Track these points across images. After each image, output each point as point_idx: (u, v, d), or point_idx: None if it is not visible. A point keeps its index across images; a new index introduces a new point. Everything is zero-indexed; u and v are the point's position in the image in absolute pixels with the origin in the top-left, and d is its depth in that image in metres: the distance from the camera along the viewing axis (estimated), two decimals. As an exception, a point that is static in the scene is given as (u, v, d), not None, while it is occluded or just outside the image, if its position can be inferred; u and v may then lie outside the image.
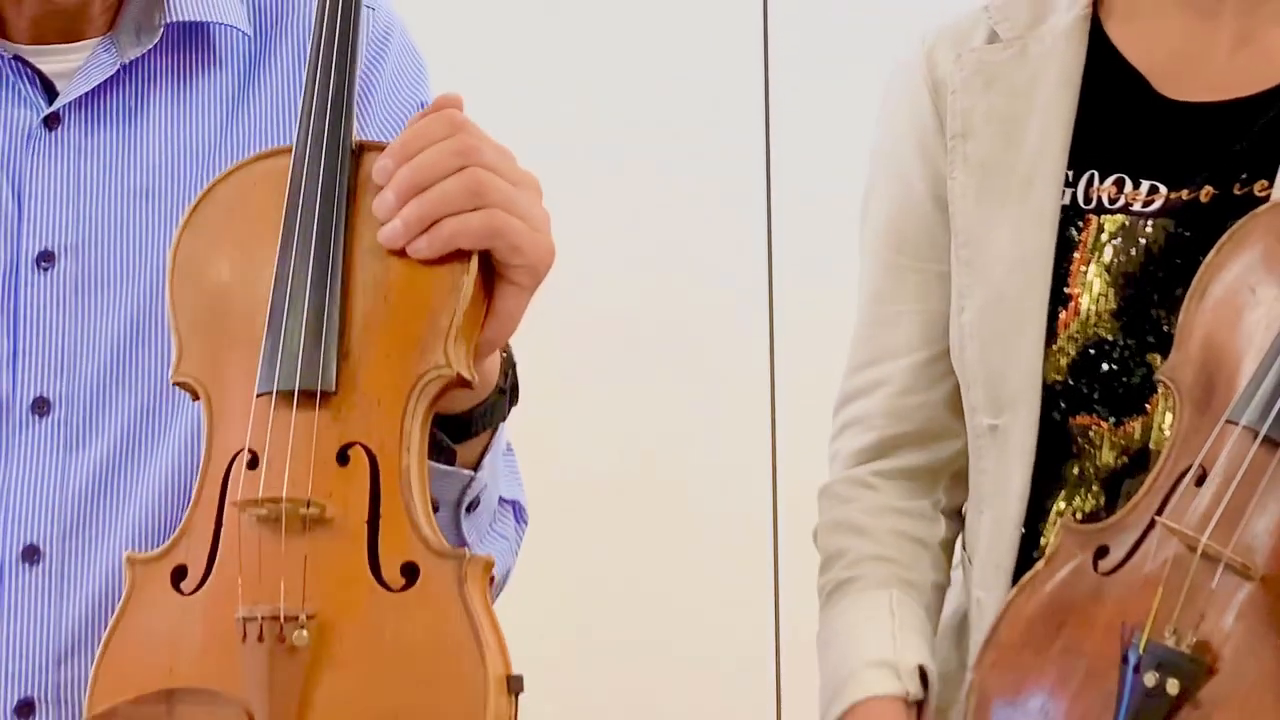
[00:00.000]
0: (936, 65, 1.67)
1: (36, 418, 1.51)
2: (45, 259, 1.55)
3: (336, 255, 1.35)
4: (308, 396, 1.32)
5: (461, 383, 1.33)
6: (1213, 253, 1.47)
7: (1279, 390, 1.38)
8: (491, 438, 1.49)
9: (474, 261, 1.32)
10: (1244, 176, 1.55)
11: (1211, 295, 1.47)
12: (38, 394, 1.52)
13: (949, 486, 1.69)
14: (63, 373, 1.55)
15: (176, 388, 1.39)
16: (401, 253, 1.33)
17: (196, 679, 1.27)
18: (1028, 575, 1.47)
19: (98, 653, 1.33)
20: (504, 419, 1.50)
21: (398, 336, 1.33)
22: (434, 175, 1.33)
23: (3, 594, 1.50)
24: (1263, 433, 1.36)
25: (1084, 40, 1.63)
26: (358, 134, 1.41)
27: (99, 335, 1.56)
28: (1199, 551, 1.33)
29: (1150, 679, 1.32)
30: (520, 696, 1.25)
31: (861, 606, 1.63)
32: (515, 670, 1.25)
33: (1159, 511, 1.40)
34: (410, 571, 1.26)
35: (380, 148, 1.36)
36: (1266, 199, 1.53)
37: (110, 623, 1.33)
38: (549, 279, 1.42)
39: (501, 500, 1.54)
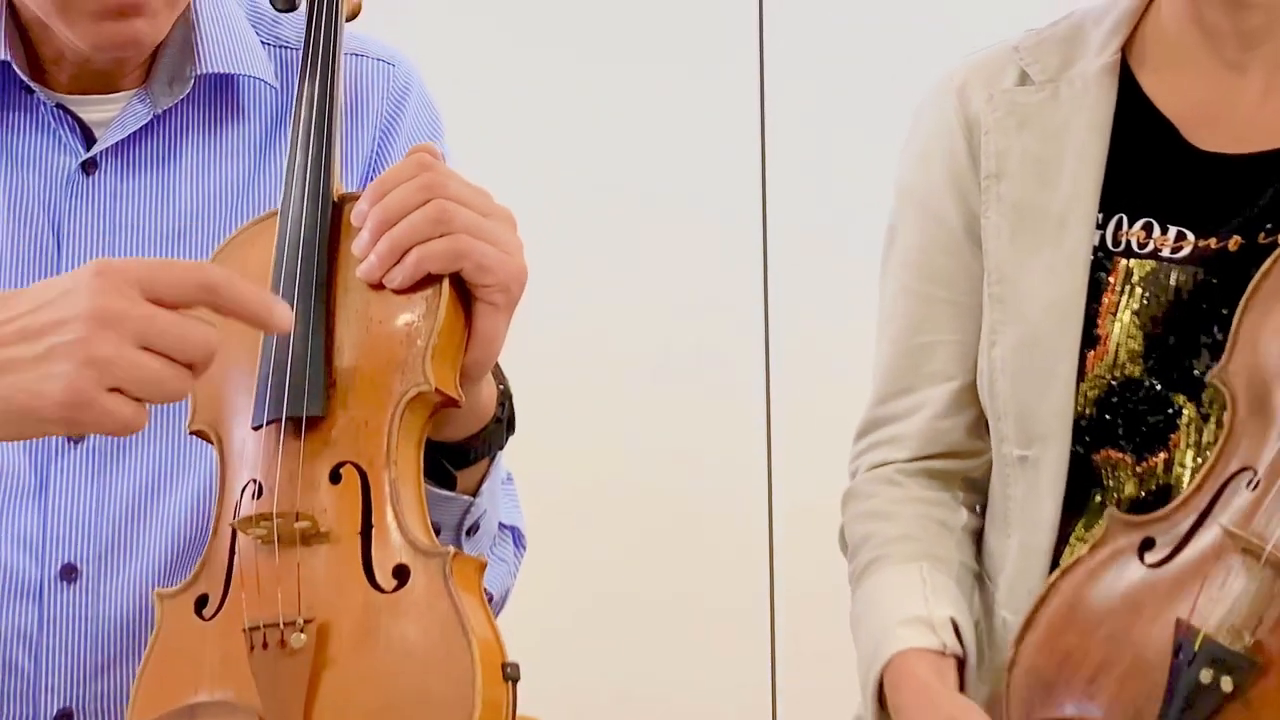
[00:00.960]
0: (969, 102, 1.70)
1: (70, 445, 1.57)
2: None
3: (320, 295, 1.42)
4: (300, 423, 1.38)
5: (447, 400, 1.39)
6: (1269, 265, 1.50)
7: None
8: (489, 465, 1.55)
9: (445, 285, 1.38)
10: (1269, 227, 1.58)
11: (1268, 306, 1.50)
12: None
13: (964, 487, 1.73)
14: None
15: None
16: (380, 285, 1.40)
17: (216, 693, 1.34)
18: (1071, 560, 1.52)
19: (136, 675, 1.40)
20: (501, 448, 1.55)
21: (380, 361, 1.40)
22: (402, 210, 1.39)
23: (43, 610, 1.57)
24: None
25: (1114, 86, 1.66)
26: (343, 187, 1.48)
27: None
28: (1263, 559, 1.37)
29: (1206, 675, 1.36)
30: (518, 685, 1.29)
31: (892, 577, 1.66)
32: (511, 659, 1.30)
33: (1208, 510, 1.45)
34: (401, 573, 1.32)
35: (356, 198, 1.43)
36: None
37: (146, 650, 1.39)
38: (547, 305, 1.48)
39: (501, 526, 1.59)
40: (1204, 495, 1.47)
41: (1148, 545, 1.48)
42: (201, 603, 1.39)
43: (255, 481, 1.40)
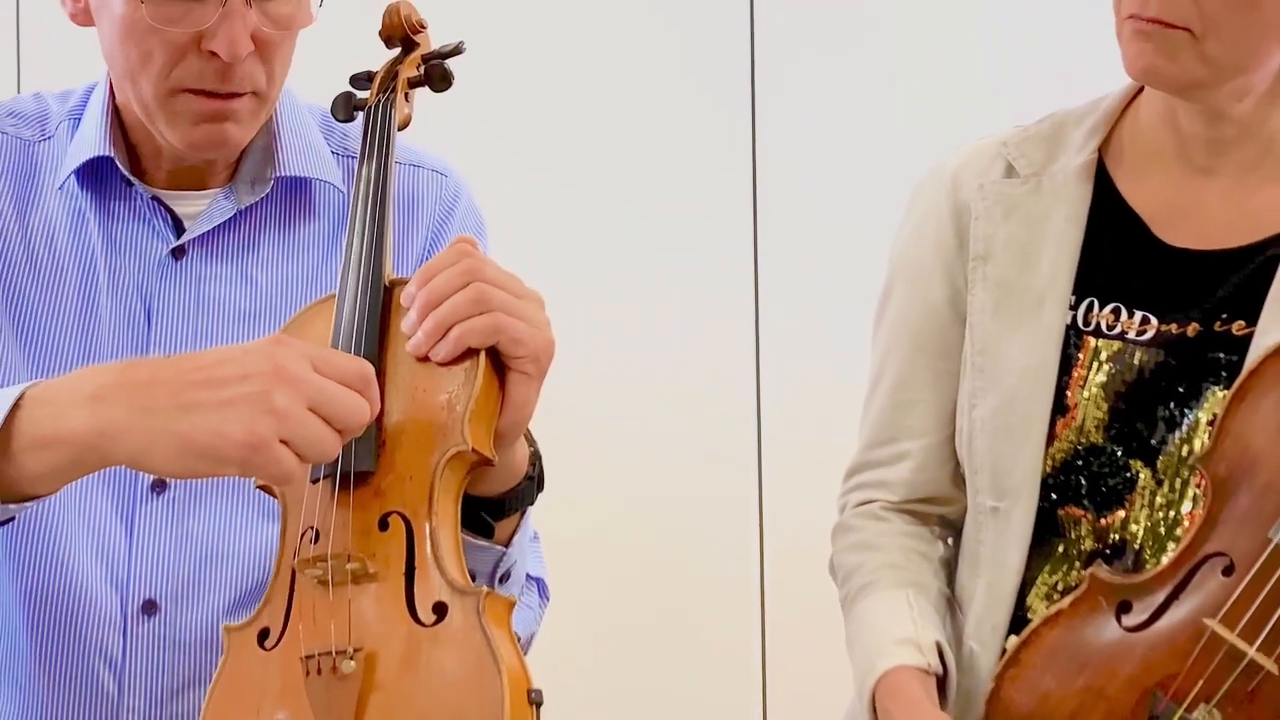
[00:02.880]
0: (960, 190, 1.82)
1: (154, 494, 1.70)
2: None
3: (374, 367, 1.49)
4: (347, 479, 1.48)
5: (482, 460, 1.49)
6: (1258, 362, 1.60)
7: None
8: (520, 519, 1.66)
9: (482, 357, 1.49)
10: (1224, 316, 1.70)
11: (1253, 404, 1.60)
12: (154, 479, 1.71)
13: (939, 524, 1.87)
14: None
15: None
16: (425, 358, 1.50)
17: (277, 714, 1.44)
18: (1053, 610, 1.65)
19: (205, 699, 1.49)
20: (532, 503, 1.66)
21: (424, 424, 1.50)
22: (445, 293, 1.50)
23: (126, 640, 1.69)
24: None
25: (1091, 182, 1.78)
26: (394, 272, 1.60)
27: None
28: (1244, 662, 1.52)
29: None
30: (541, 709, 1.39)
31: (882, 602, 1.79)
32: (535, 685, 1.39)
33: (1183, 585, 1.58)
34: (440, 609, 1.42)
35: (405, 283, 1.55)
36: (1244, 338, 1.69)
37: (214, 677, 1.49)
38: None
39: (528, 576, 1.71)
40: (1180, 571, 1.59)
41: (1125, 608, 1.60)
42: (264, 635, 1.48)
43: (313, 529, 1.49)
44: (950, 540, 1.88)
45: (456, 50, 1.77)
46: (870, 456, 1.90)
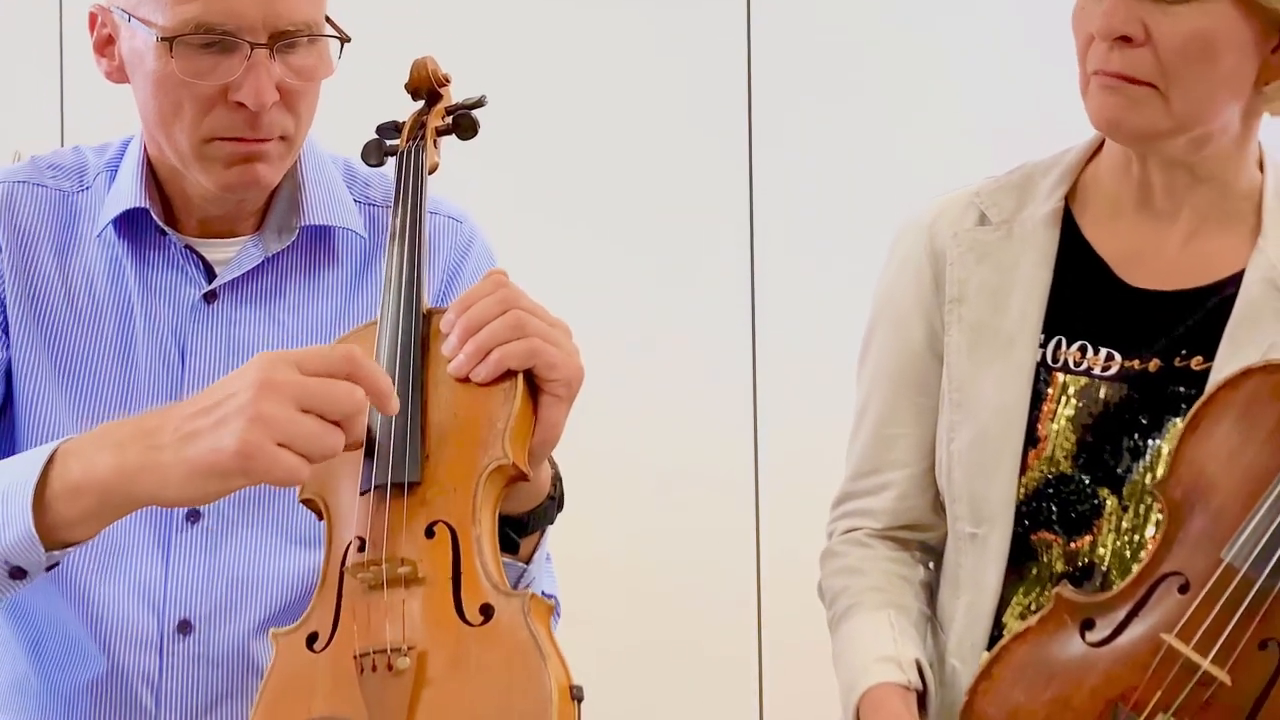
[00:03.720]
0: (936, 238, 1.89)
1: (189, 524, 1.77)
2: None
3: (416, 386, 1.57)
4: (400, 488, 1.53)
5: (519, 474, 1.55)
6: (1210, 393, 1.68)
7: (1265, 539, 1.61)
8: (541, 538, 1.73)
9: (519, 379, 1.55)
10: (1184, 353, 1.78)
11: (1201, 431, 1.68)
12: (189, 510, 1.77)
13: (921, 549, 1.94)
14: None
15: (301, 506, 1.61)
16: (465, 380, 1.56)
17: (327, 710, 1.47)
18: (1022, 627, 1.72)
19: (254, 701, 1.51)
20: (551, 522, 1.72)
21: (465, 439, 1.55)
22: (484, 319, 1.56)
23: (163, 658, 1.76)
24: (1242, 571, 1.61)
25: (1058, 228, 1.85)
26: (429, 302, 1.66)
27: None
28: (1199, 674, 1.60)
29: None
30: (582, 704, 1.42)
31: (866, 623, 1.87)
32: (576, 681, 1.43)
33: (1142, 603, 1.65)
34: (487, 610, 1.46)
35: (443, 311, 1.61)
36: (1202, 372, 1.76)
37: (263, 679, 1.52)
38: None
39: (544, 593, 1.76)
40: (1139, 590, 1.67)
41: (1088, 625, 1.68)
42: (312, 639, 1.52)
43: (359, 538, 1.53)
44: (931, 564, 1.95)
45: (480, 103, 1.83)
46: (855, 487, 1.97)
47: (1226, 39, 1.70)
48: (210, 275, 1.82)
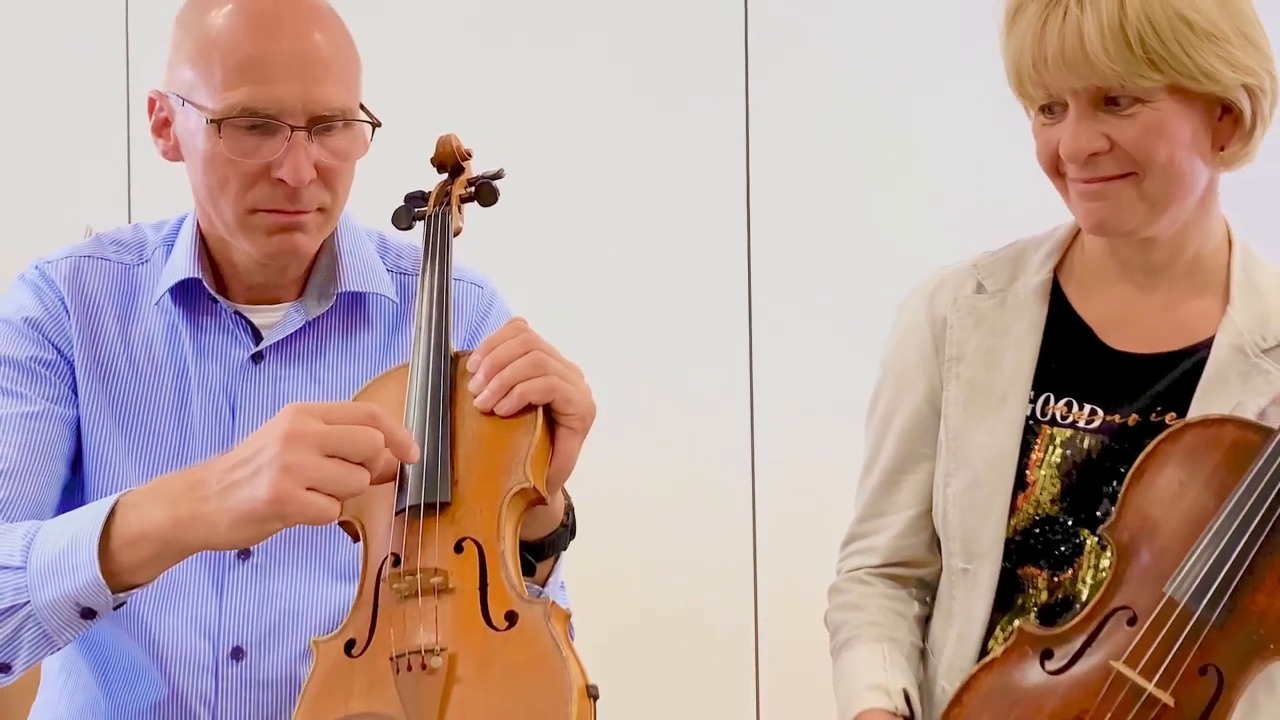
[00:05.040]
0: (937, 305, 2.02)
1: (240, 561, 1.87)
2: None
3: (445, 418, 1.67)
4: (432, 508, 1.62)
5: (538, 498, 1.65)
6: (1152, 446, 1.79)
7: (1202, 574, 1.73)
8: (555, 563, 1.83)
9: (539, 413, 1.66)
10: (1159, 409, 1.89)
11: (1145, 479, 1.79)
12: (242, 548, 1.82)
13: (917, 585, 2.06)
14: None
15: (338, 533, 1.69)
16: (490, 413, 1.67)
17: (364, 707, 1.56)
18: (989, 658, 1.84)
19: (297, 702, 1.59)
20: (565, 548, 1.82)
21: (491, 466, 1.65)
22: (508, 359, 1.67)
23: (218, 681, 1.87)
24: (1182, 603, 1.72)
25: (1047, 297, 1.98)
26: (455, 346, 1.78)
27: None
28: (1144, 696, 1.71)
29: None
30: (597, 702, 1.50)
31: (860, 654, 1.99)
32: (592, 681, 1.51)
33: (1094, 635, 1.76)
34: (511, 616, 1.55)
35: (469, 354, 1.72)
36: None
37: (304, 684, 1.60)
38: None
39: None
40: (1092, 623, 1.78)
41: (1048, 655, 1.79)
42: (350, 645, 1.60)
43: (393, 554, 1.62)
44: (928, 599, 2.06)
45: (499, 174, 1.95)
46: (861, 529, 2.09)
47: (1175, 121, 1.82)
48: (257, 338, 1.92)
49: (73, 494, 1.90)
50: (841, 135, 3.64)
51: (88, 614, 1.62)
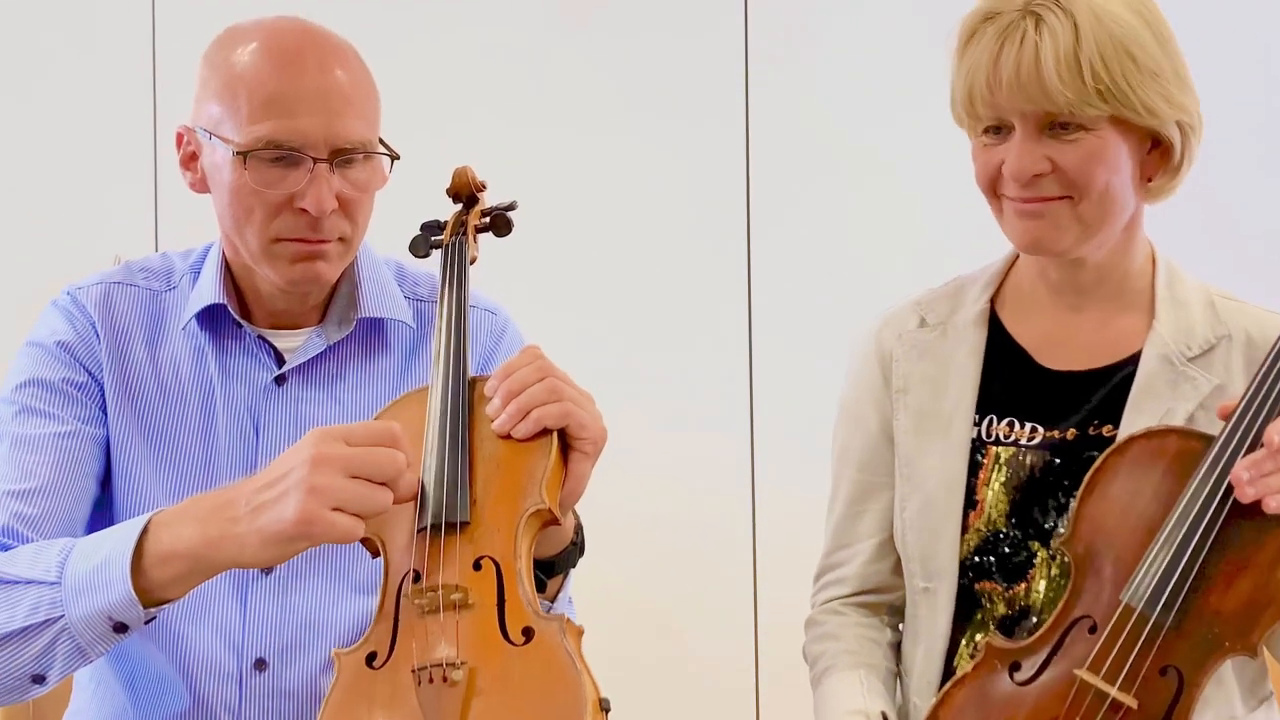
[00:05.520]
0: (884, 342, 2.11)
1: (262, 575, 1.91)
2: None
3: (464, 440, 1.71)
4: (452, 527, 1.67)
5: (552, 518, 1.70)
6: (1100, 460, 1.86)
7: (1155, 579, 1.78)
8: (564, 579, 1.88)
9: (554, 437, 1.71)
10: (1096, 422, 1.98)
11: (1096, 493, 1.85)
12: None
13: (889, 612, 2.12)
14: None
15: (358, 549, 1.71)
16: (507, 436, 1.71)
17: (386, 717, 1.61)
18: (960, 673, 1.90)
19: (322, 709, 1.64)
20: (574, 565, 1.87)
21: (508, 487, 1.69)
22: (524, 384, 1.72)
23: (242, 690, 1.91)
24: (1139, 609, 1.78)
25: (985, 326, 2.07)
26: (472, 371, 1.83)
27: None
28: (1109, 700, 1.77)
29: None
30: (609, 714, 1.56)
31: (840, 681, 2.05)
32: (604, 694, 1.57)
33: (1058, 645, 1.82)
34: (528, 632, 1.61)
35: (486, 378, 1.76)
36: (1112, 438, 1.94)
37: (327, 693, 1.65)
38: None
39: None
40: (1055, 634, 1.84)
41: (1015, 667, 1.85)
42: (371, 657, 1.65)
43: (413, 570, 1.66)
44: (900, 625, 2.13)
45: (512, 206, 2.00)
46: (830, 561, 2.17)
47: (1114, 150, 1.91)
48: (280, 361, 1.97)
49: (102, 510, 1.94)
50: (841, 149, 3.70)
51: (120, 628, 1.67)
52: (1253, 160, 3.61)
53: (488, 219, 2.01)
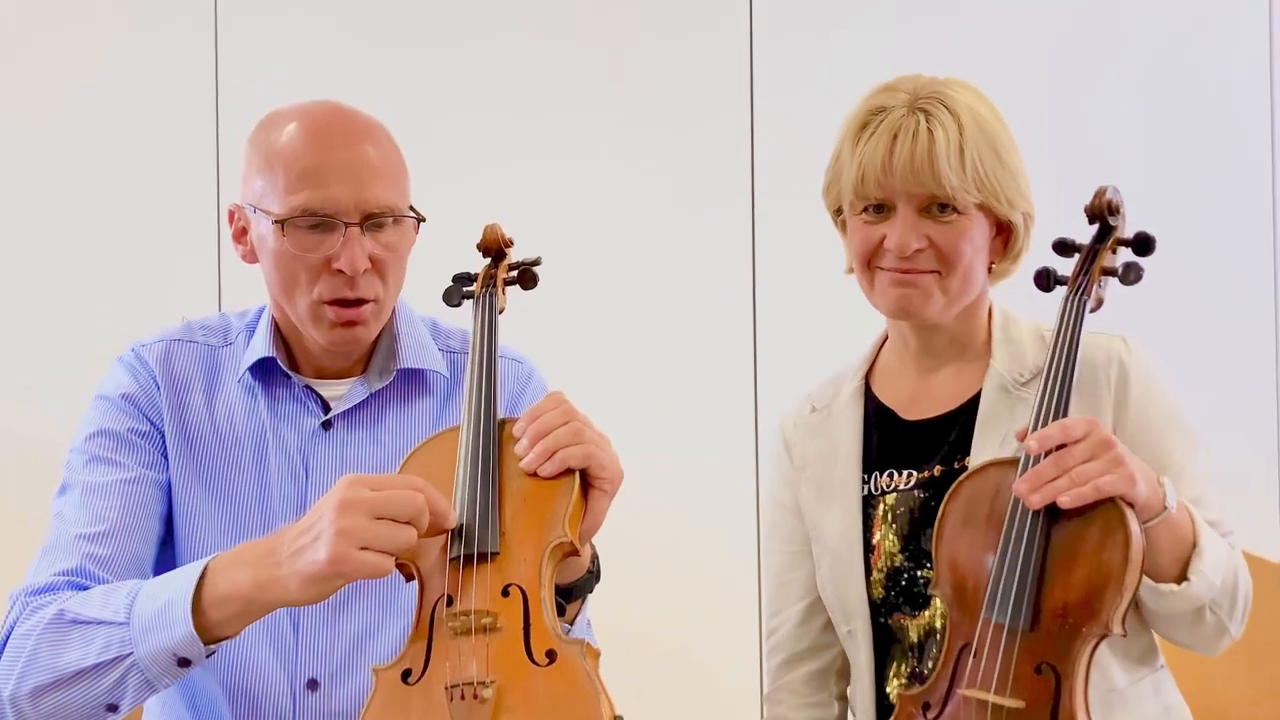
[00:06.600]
0: (787, 433, 2.33)
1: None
2: None
3: (494, 477, 1.80)
4: (484, 557, 1.76)
5: (573, 550, 1.78)
6: (941, 509, 2.01)
7: (1000, 591, 1.91)
8: (582, 604, 1.97)
9: (577, 476, 1.79)
10: (957, 458, 2.16)
11: (944, 536, 2.00)
12: None
13: (837, 680, 2.30)
14: None
15: (399, 576, 1.80)
16: (534, 474, 1.80)
17: None
18: None
19: (360, 718, 1.74)
20: (591, 591, 1.97)
21: (534, 521, 1.77)
22: (551, 427, 1.80)
23: (295, 707, 2.00)
24: (996, 621, 1.91)
25: (861, 398, 2.29)
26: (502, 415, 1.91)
27: None
28: (1001, 708, 1.88)
29: None
30: None
31: None
32: (619, 713, 1.67)
33: (953, 677, 1.94)
34: (551, 654, 1.69)
35: (514, 420, 1.85)
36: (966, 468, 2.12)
37: (366, 704, 1.74)
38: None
39: None
40: (948, 665, 1.96)
41: (926, 707, 1.97)
42: (406, 674, 1.74)
43: (446, 595, 1.75)
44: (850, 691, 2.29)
45: (538, 261, 2.09)
46: (771, 625, 2.35)
47: (978, 234, 2.13)
48: (326, 408, 2.07)
49: (166, 548, 2.04)
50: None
51: (184, 663, 1.78)
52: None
53: (515, 273, 2.09)
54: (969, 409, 2.20)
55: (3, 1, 3.99)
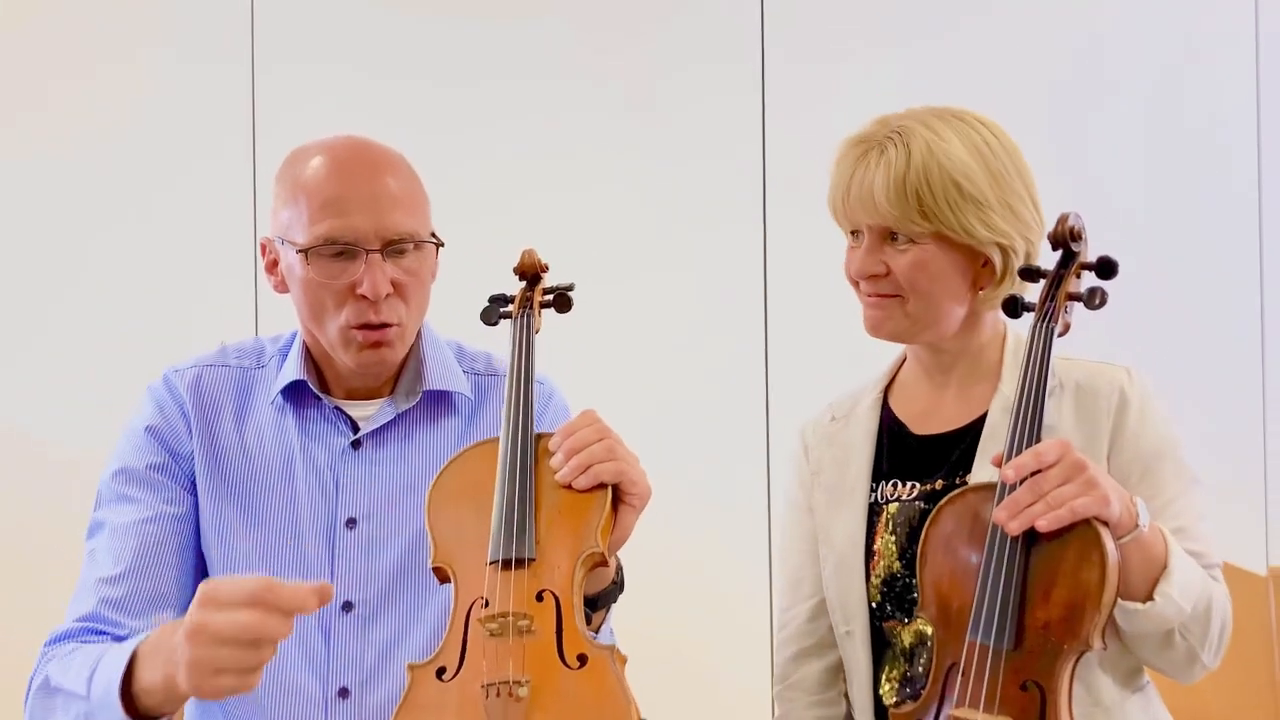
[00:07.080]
0: (805, 439, 2.39)
1: (344, 613, 2.05)
2: (351, 523, 2.08)
3: (530, 489, 1.85)
4: (521, 562, 1.81)
5: (603, 560, 1.84)
6: (924, 534, 2.05)
7: (984, 613, 1.94)
8: (606, 612, 2.01)
9: (609, 490, 1.85)
10: (960, 473, 2.22)
11: (927, 561, 2.04)
12: (345, 599, 2.05)
13: (844, 678, 2.34)
14: (361, 587, 2.06)
15: (434, 578, 1.87)
16: (568, 487, 1.85)
17: None
18: None
19: (395, 712, 1.77)
20: (615, 601, 2.01)
21: (568, 532, 1.83)
22: (586, 443, 1.86)
23: (327, 716, 2.04)
24: (981, 642, 1.94)
25: (878, 410, 2.35)
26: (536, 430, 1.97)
27: (382, 565, 2.07)
28: None
29: None
30: None
31: None
32: (645, 716, 1.72)
33: (941, 695, 1.99)
34: (583, 658, 1.76)
35: (550, 435, 1.91)
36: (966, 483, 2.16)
37: (399, 703, 1.78)
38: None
39: None
40: (937, 686, 2.00)
41: None
42: (441, 671, 1.79)
43: (482, 598, 1.80)
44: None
45: (571, 286, 2.16)
46: (783, 619, 2.41)
47: (938, 263, 2.19)
48: (355, 428, 2.11)
49: (203, 576, 2.06)
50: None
51: None
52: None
53: (550, 296, 2.16)
54: (975, 428, 2.25)
55: (54, 41, 4.06)
